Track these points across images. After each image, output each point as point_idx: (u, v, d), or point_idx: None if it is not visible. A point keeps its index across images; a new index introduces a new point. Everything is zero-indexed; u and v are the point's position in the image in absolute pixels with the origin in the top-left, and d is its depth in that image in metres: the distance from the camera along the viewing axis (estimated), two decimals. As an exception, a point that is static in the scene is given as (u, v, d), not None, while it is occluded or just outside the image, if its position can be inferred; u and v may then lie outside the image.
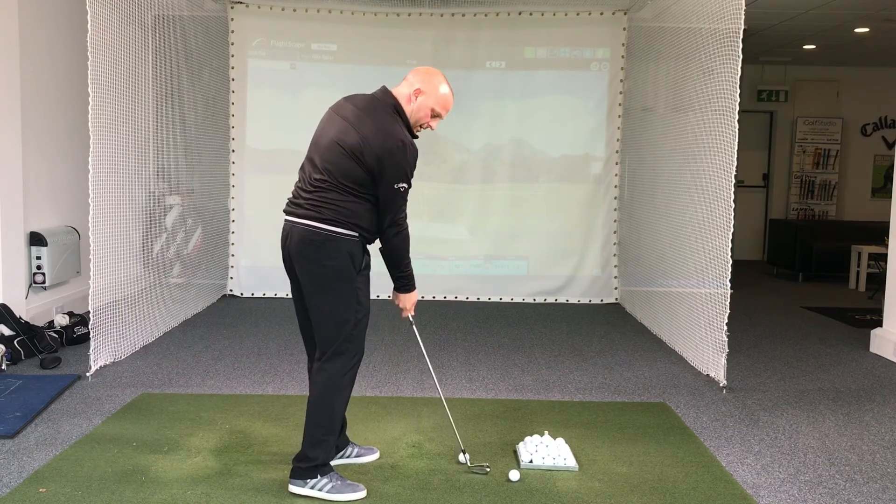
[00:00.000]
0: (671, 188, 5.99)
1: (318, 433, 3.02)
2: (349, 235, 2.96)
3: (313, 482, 3.01)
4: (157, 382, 4.59)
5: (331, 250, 2.95)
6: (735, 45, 4.50)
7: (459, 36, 7.37)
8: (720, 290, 4.66)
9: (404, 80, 3.07)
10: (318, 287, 3.00)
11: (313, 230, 2.95)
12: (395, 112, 2.99)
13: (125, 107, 5.38)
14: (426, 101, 3.01)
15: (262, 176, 7.35)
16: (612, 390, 4.64)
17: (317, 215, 2.95)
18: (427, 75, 3.05)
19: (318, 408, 3.03)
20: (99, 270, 4.71)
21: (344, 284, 2.98)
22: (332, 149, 2.95)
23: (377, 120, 2.93)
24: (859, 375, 5.10)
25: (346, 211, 2.94)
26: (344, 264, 2.97)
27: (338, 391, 3.04)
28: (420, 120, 3.04)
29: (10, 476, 3.21)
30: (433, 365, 5.11)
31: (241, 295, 7.43)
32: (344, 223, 2.94)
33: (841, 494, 3.22)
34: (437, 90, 3.03)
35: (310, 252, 2.97)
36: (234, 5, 7.23)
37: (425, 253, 7.52)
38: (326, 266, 2.96)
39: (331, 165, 2.94)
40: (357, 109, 2.99)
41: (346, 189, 2.94)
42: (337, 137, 2.95)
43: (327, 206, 2.94)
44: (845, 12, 7.60)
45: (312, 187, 2.98)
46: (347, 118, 2.97)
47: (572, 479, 3.28)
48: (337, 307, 2.99)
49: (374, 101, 3.02)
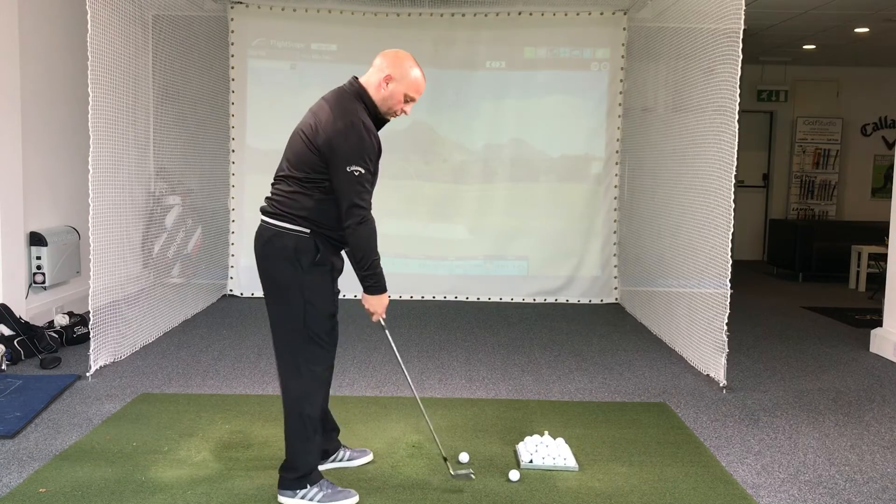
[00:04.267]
0: (671, 188, 5.99)
1: (297, 442, 2.94)
2: (297, 231, 2.84)
3: (303, 492, 2.93)
4: (157, 382, 4.59)
5: (276, 247, 2.86)
6: (735, 45, 4.50)
7: (459, 36, 7.37)
8: (720, 290, 4.66)
9: (372, 67, 2.97)
10: (268, 288, 2.94)
11: (264, 226, 2.93)
12: (356, 98, 2.91)
13: (125, 107, 5.38)
14: (398, 87, 2.91)
15: (262, 176, 7.21)
16: (612, 390, 4.64)
17: (269, 210, 2.93)
18: (396, 59, 2.93)
19: (291, 420, 2.94)
20: (99, 270, 4.71)
21: (290, 283, 2.85)
22: (293, 139, 2.94)
23: (335, 106, 2.87)
24: (859, 375, 5.10)
25: (295, 204, 2.85)
26: (290, 261, 2.83)
27: (306, 399, 2.93)
28: (393, 107, 2.94)
29: (10, 476, 3.21)
30: (433, 364, 5.12)
31: (241, 295, 7.43)
32: (291, 217, 2.85)
33: (841, 494, 3.22)
34: (409, 75, 2.92)
35: (259, 248, 2.94)
36: (234, 5, 7.23)
37: (425, 253, 7.53)
38: (272, 264, 2.88)
39: (290, 155, 2.93)
40: (323, 100, 2.96)
41: (299, 180, 2.86)
42: (298, 128, 2.94)
43: (278, 200, 2.91)
44: (845, 12, 7.60)
45: (274, 180, 2.99)
46: (312, 109, 2.96)
47: (572, 479, 3.28)
48: (283, 308, 2.89)
49: (340, 91, 2.96)
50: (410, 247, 7.49)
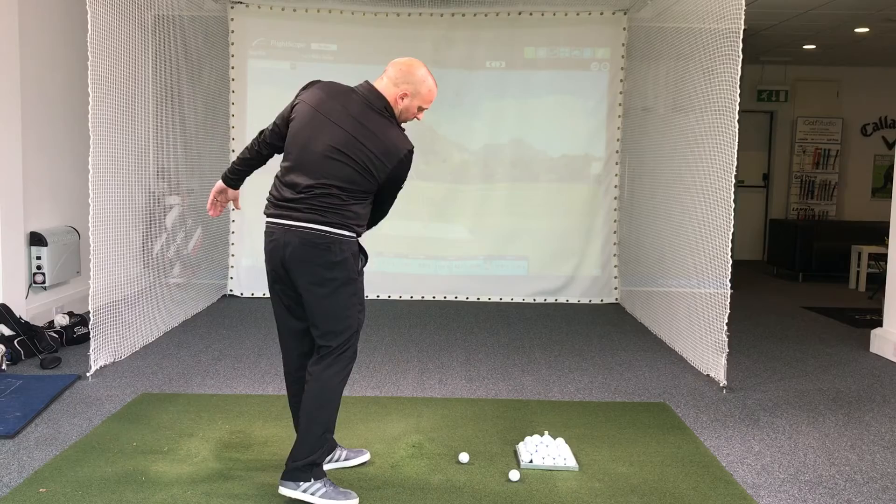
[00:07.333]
0: (671, 188, 5.99)
1: (317, 431, 2.98)
2: (351, 237, 2.98)
3: (306, 486, 2.94)
4: (157, 382, 4.59)
5: (337, 253, 2.93)
6: (735, 45, 4.50)
7: (459, 36, 7.37)
8: (720, 290, 4.66)
9: (386, 76, 2.99)
10: (325, 290, 2.95)
11: (318, 233, 2.89)
12: (391, 116, 2.99)
13: (125, 107, 5.38)
14: (412, 101, 3.00)
15: (263, 176, 7.23)
16: (612, 390, 4.64)
17: (321, 218, 2.89)
18: (409, 73, 2.97)
19: (318, 413, 2.98)
20: (99, 270, 4.71)
21: (350, 286, 3.00)
22: (333, 158, 2.88)
23: (382, 134, 2.92)
24: (859, 375, 5.10)
25: (350, 214, 2.94)
26: (350, 266, 2.98)
27: (335, 393, 3.03)
28: (408, 118, 3.06)
29: (10, 476, 3.21)
30: (433, 364, 5.12)
31: (241, 295, 7.43)
32: (348, 226, 2.94)
33: (841, 494, 3.22)
34: (422, 90, 2.99)
35: (314, 255, 2.91)
36: (234, 5, 7.22)
37: (425, 253, 7.53)
38: (334, 269, 2.93)
39: (332, 173, 2.88)
40: (352, 118, 2.91)
41: (347, 194, 2.91)
42: (337, 146, 2.88)
43: (330, 210, 2.89)
44: (845, 12, 7.60)
45: (307, 191, 2.90)
46: (343, 125, 2.90)
47: (572, 479, 3.28)
48: (345, 309, 3.00)
49: (367, 106, 2.94)
50: (410, 247, 7.48)
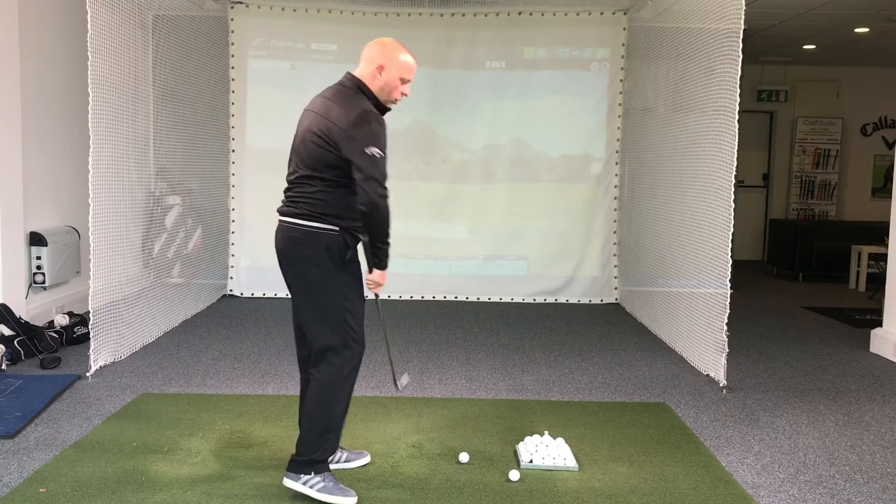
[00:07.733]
0: (671, 188, 5.99)
1: (317, 431, 2.99)
2: (327, 230, 2.94)
3: (306, 478, 2.98)
4: (157, 382, 4.59)
5: (309, 246, 2.95)
6: (735, 45, 4.50)
7: (459, 36, 7.37)
8: (720, 290, 4.66)
9: (362, 60, 3.06)
10: (301, 286, 3.02)
11: (292, 227, 2.98)
12: (358, 91, 3.01)
13: (125, 107, 5.38)
14: (390, 73, 3.01)
15: (262, 176, 7.34)
16: (612, 390, 4.64)
17: (295, 211, 2.98)
18: (383, 48, 3.03)
19: (316, 413, 3.00)
20: (99, 270, 4.71)
21: (325, 282, 2.96)
22: (305, 140, 2.99)
23: (342, 101, 2.96)
24: (859, 375, 5.10)
25: (321, 204, 2.94)
26: (322, 260, 2.94)
27: (334, 394, 3.01)
28: (391, 93, 3.04)
29: (10, 476, 3.21)
30: (433, 364, 5.12)
31: (241, 295, 7.43)
32: (320, 217, 2.94)
33: (841, 494, 3.22)
34: (398, 59, 3.02)
35: (290, 249, 3.00)
36: (234, 5, 7.22)
37: (425, 253, 7.53)
38: (306, 263, 2.97)
39: (305, 157, 2.97)
40: (325, 99, 3.02)
41: (320, 179, 2.94)
42: (308, 128, 2.99)
43: (303, 201, 2.96)
44: (845, 12, 7.60)
45: (290, 184, 3.04)
46: (317, 110, 3.01)
47: (572, 479, 3.28)
48: (331, 309, 2.97)
49: (339, 87, 3.05)
50: (410, 247, 7.48)
